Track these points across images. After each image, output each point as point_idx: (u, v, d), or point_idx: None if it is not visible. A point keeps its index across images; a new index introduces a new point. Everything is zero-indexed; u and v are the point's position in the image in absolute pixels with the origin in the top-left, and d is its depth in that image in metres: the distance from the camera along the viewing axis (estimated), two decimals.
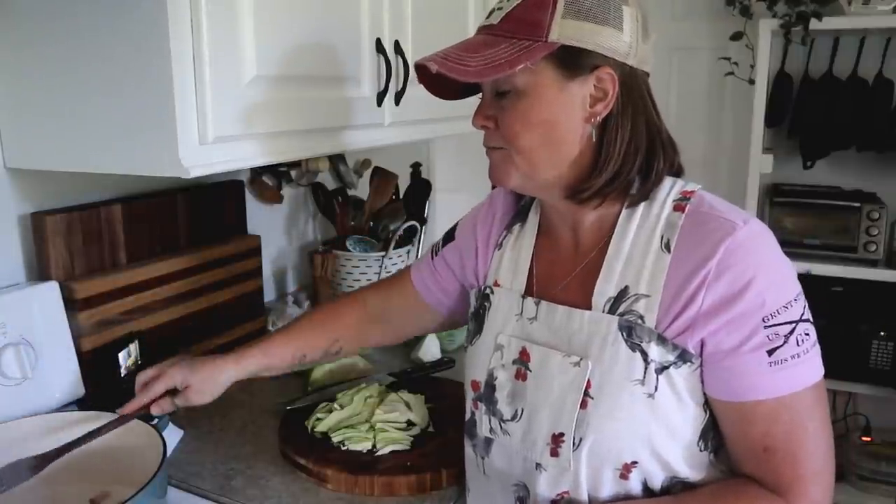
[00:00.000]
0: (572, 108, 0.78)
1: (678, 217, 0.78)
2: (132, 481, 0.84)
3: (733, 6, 2.44)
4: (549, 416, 0.81)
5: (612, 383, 0.77)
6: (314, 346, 1.08)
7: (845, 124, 2.35)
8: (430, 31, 1.36)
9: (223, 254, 1.39)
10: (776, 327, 0.73)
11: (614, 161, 0.78)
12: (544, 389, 0.82)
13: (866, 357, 2.36)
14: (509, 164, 0.81)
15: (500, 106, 0.80)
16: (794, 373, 0.74)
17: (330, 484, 1.03)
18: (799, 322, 0.74)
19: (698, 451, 0.80)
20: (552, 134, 0.78)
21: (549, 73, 0.76)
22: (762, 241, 0.76)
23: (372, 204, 1.74)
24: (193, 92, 0.87)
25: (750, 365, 0.73)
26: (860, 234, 2.34)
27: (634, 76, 0.79)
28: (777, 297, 0.73)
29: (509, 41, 0.76)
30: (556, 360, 0.81)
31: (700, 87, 2.70)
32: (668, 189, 0.81)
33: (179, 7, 0.84)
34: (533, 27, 0.75)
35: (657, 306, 0.76)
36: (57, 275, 1.12)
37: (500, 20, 0.78)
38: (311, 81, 1.07)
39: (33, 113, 0.99)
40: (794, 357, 0.73)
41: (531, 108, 0.78)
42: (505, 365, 0.87)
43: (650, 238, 0.78)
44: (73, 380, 1.10)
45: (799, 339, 0.73)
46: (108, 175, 1.20)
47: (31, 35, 0.95)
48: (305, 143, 1.09)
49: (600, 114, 0.78)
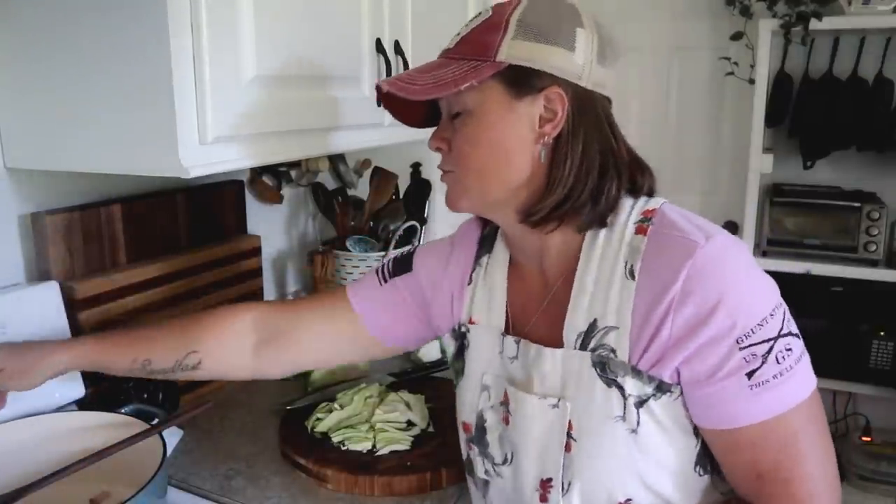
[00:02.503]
0: (521, 128, 0.76)
1: (640, 241, 0.74)
2: (132, 481, 0.84)
3: (733, 6, 2.44)
4: (534, 462, 0.79)
5: (592, 422, 0.75)
6: (163, 354, 0.96)
7: (845, 124, 2.35)
8: (430, 31, 1.36)
9: (223, 254, 1.39)
10: (752, 348, 0.69)
11: (563, 183, 0.76)
12: (525, 434, 0.79)
13: (866, 357, 2.37)
14: (459, 186, 0.81)
15: (454, 128, 0.80)
16: (778, 393, 0.69)
17: (330, 484, 1.03)
18: (777, 339, 0.69)
19: (697, 476, 0.77)
20: (501, 154, 0.77)
21: (497, 92, 0.76)
22: (727, 257, 0.71)
23: (372, 204, 1.74)
24: (193, 92, 0.87)
25: (729, 391, 0.69)
26: (860, 234, 2.35)
27: (589, 98, 0.77)
28: (749, 315, 0.69)
29: (459, 62, 0.76)
30: (532, 402, 0.79)
31: (700, 87, 2.70)
32: (628, 211, 0.78)
33: (179, 7, 0.83)
34: (482, 48, 0.75)
35: (627, 338, 0.73)
36: (57, 275, 1.12)
37: (455, 44, 0.79)
38: (311, 81, 1.07)
39: (33, 113, 0.99)
40: (777, 376, 0.69)
41: (479, 128, 0.77)
42: (494, 406, 0.84)
43: (614, 265, 0.75)
44: (73, 380, 1.10)
45: (779, 356, 0.69)
46: (108, 175, 1.20)
47: (32, 35, 0.95)
48: (305, 143, 1.09)
49: (549, 134, 0.76)
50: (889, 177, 2.52)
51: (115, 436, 0.92)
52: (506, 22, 0.75)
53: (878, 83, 2.35)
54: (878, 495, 2.53)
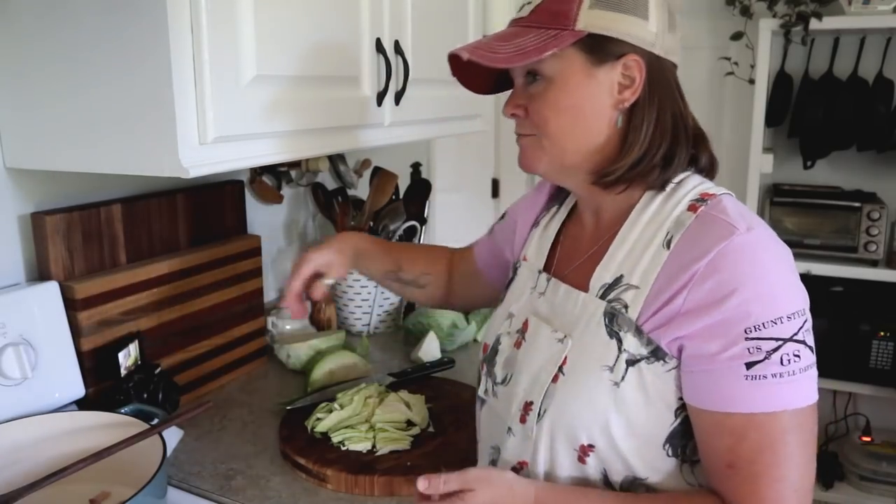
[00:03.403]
0: (600, 95, 0.79)
1: (688, 217, 0.77)
2: (132, 481, 0.84)
3: (733, 6, 2.44)
4: (526, 384, 0.84)
5: (583, 364, 0.79)
6: (411, 267, 1.18)
7: (845, 124, 2.35)
8: (430, 31, 1.36)
9: (223, 254, 1.39)
10: (759, 341, 0.69)
11: (639, 146, 0.80)
12: (530, 359, 0.85)
13: (866, 357, 2.37)
14: (538, 149, 0.84)
15: (529, 94, 0.83)
16: (772, 392, 0.70)
17: (330, 484, 1.03)
18: (788, 341, 0.70)
19: (664, 454, 0.78)
20: (580, 119, 0.81)
21: (577, 60, 0.79)
22: (761, 250, 0.72)
23: (372, 204, 1.74)
24: (193, 92, 0.87)
25: (725, 374, 0.71)
26: (860, 234, 2.35)
27: (661, 65, 0.81)
28: (765, 310, 0.70)
29: (538, 31, 0.79)
30: (545, 333, 0.84)
31: (700, 87, 2.70)
32: (689, 188, 0.81)
33: (179, 7, 0.84)
34: (560, 17, 0.78)
35: (643, 299, 0.75)
36: (57, 275, 1.12)
37: (530, 12, 0.81)
38: (310, 81, 1.07)
39: (33, 113, 0.99)
40: (776, 376, 0.69)
41: (560, 95, 0.80)
42: (510, 333, 0.91)
43: (656, 233, 0.78)
44: (73, 380, 1.10)
45: (784, 358, 0.69)
46: (108, 175, 1.20)
47: (32, 35, 0.95)
48: (305, 143, 1.09)
49: (627, 100, 0.79)
50: (889, 177, 2.52)
51: (115, 436, 0.92)
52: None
53: (878, 83, 2.35)
54: (878, 495, 2.53)
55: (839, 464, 2.63)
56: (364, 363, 1.42)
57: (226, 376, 1.42)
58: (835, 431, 2.72)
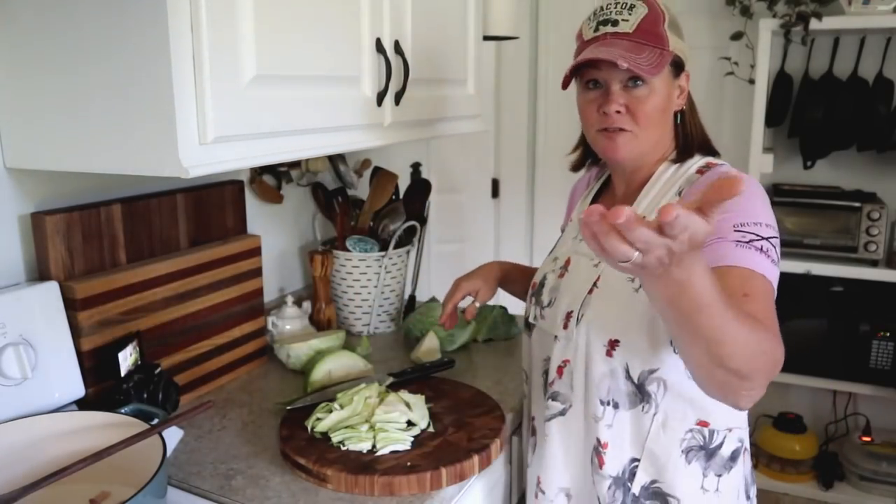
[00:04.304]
0: (674, 100, 1.05)
1: (696, 177, 1.02)
2: (132, 481, 0.84)
3: (733, 6, 2.44)
4: (567, 300, 1.07)
5: (613, 279, 1.01)
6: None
7: (845, 124, 2.35)
8: (430, 31, 1.37)
9: (223, 254, 1.39)
10: (743, 233, 0.90)
11: (690, 133, 1.07)
12: (571, 282, 1.08)
13: (866, 357, 2.36)
14: (633, 140, 1.03)
15: (631, 97, 1.01)
16: (756, 257, 0.89)
17: (330, 484, 1.03)
18: (764, 239, 0.91)
19: (671, 351, 0.97)
20: (664, 119, 1.04)
21: (667, 74, 1.02)
22: (753, 185, 0.95)
23: (372, 204, 1.74)
24: (193, 92, 0.87)
25: (721, 245, 0.90)
26: (860, 234, 2.35)
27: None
28: (749, 216, 0.91)
29: (650, 48, 0.99)
30: (584, 262, 1.08)
31: (700, 87, 2.69)
32: (696, 160, 1.06)
33: (179, 7, 0.84)
34: (661, 39, 1.00)
35: None
36: (57, 275, 1.12)
37: (634, 30, 0.99)
38: (311, 81, 1.07)
39: (33, 113, 0.99)
40: (757, 250, 0.90)
41: (659, 100, 1.02)
42: (555, 270, 1.14)
43: (671, 188, 1.03)
44: (73, 380, 1.10)
45: (762, 245, 0.90)
46: (108, 175, 1.20)
47: (32, 35, 0.95)
48: (305, 143, 1.09)
49: (682, 105, 1.06)
50: (889, 177, 2.52)
51: (115, 436, 0.92)
52: (662, 18, 1.00)
53: (878, 83, 2.35)
54: (878, 495, 2.53)
55: (839, 464, 2.63)
56: (364, 363, 1.42)
57: (226, 376, 1.42)
58: (835, 431, 2.72)
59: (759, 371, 0.81)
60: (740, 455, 1.04)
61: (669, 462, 1.01)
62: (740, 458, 1.04)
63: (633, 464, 1.03)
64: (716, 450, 1.02)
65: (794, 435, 2.64)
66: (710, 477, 1.02)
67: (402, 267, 1.74)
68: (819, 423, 2.73)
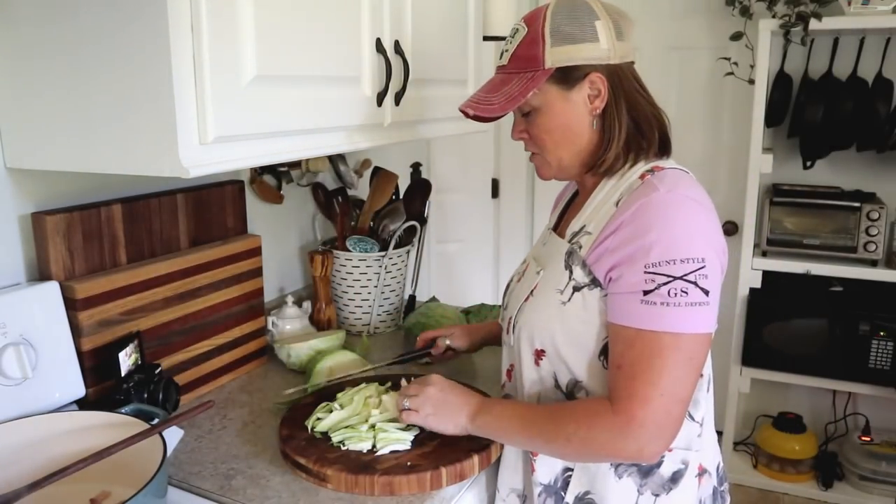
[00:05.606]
0: (577, 110, 1.00)
1: (637, 184, 0.96)
2: (132, 481, 0.84)
3: (733, 6, 2.44)
4: (512, 305, 1.09)
5: (545, 288, 1.02)
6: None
7: (845, 124, 2.35)
8: (430, 31, 1.37)
9: (223, 254, 1.39)
10: (654, 275, 0.89)
11: (617, 138, 0.99)
12: (520, 287, 1.10)
13: (866, 357, 2.37)
14: (544, 163, 1.06)
15: (527, 122, 1.03)
16: (658, 314, 0.88)
17: (330, 484, 1.03)
18: (678, 279, 0.88)
19: (599, 363, 0.98)
20: (567, 133, 1.01)
21: (553, 90, 0.99)
22: (673, 206, 0.91)
23: (372, 204, 1.74)
24: (194, 92, 0.87)
25: (627, 297, 0.91)
26: (860, 234, 2.35)
27: (619, 70, 0.99)
28: (664, 252, 0.88)
29: (518, 76, 0.99)
30: (533, 268, 1.09)
31: (700, 87, 2.70)
32: (643, 165, 1.00)
33: (179, 7, 0.84)
34: (532, 61, 0.97)
35: (592, 242, 0.97)
36: (57, 275, 1.12)
37: (508, 60, 1.01)
38: (310, 81, 1.08)
39: (33, 113, 0.99)
40: (664, 304, 0.88)
41: (548, 120, 1.01)
42: (518, 273, 1.16)
43: (613, 195, 0.99)
44: (73, 380, 1.10)
45: (672, 291, 0.88)
46: (108, 175, 1.20)
47: (32, 35, 0.95)
48: (305, 143, 1.09)
49: (599, 107, 0.99)
50: (888, 177, 2.52)
51: (115, 436, 0.92)
52: (542, 35, 0.96)
53: (878, 83, 2.36)
54: (878, 495, 2.53)
55: (839, 464, 2.64)
56: (364, 363, 1.42)
57: (226, 376, 1.42)
58: (834, 431, 2.72)
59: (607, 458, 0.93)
60: (684, 478, 0.99)
61: (599, 474, 1.00)
62: (685, 480, 1.00)
63: (567, 473, 1.03)
64: (651, 469, 0.99)
65: (793, 435, 2.64)
66: (646, 495, 0.99)
67: (402, 267, 1.74)
68: (819, 423, 2.74)
